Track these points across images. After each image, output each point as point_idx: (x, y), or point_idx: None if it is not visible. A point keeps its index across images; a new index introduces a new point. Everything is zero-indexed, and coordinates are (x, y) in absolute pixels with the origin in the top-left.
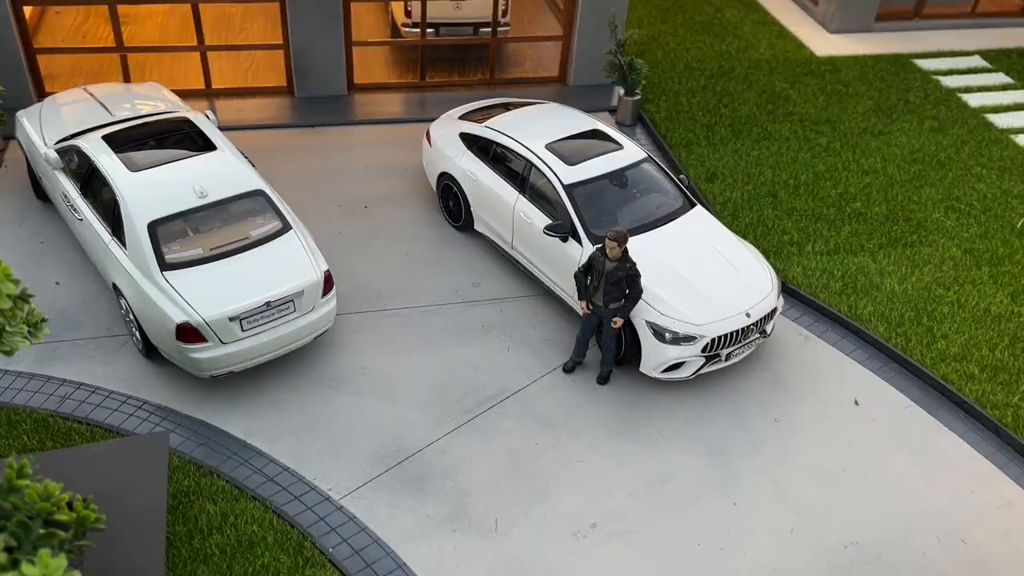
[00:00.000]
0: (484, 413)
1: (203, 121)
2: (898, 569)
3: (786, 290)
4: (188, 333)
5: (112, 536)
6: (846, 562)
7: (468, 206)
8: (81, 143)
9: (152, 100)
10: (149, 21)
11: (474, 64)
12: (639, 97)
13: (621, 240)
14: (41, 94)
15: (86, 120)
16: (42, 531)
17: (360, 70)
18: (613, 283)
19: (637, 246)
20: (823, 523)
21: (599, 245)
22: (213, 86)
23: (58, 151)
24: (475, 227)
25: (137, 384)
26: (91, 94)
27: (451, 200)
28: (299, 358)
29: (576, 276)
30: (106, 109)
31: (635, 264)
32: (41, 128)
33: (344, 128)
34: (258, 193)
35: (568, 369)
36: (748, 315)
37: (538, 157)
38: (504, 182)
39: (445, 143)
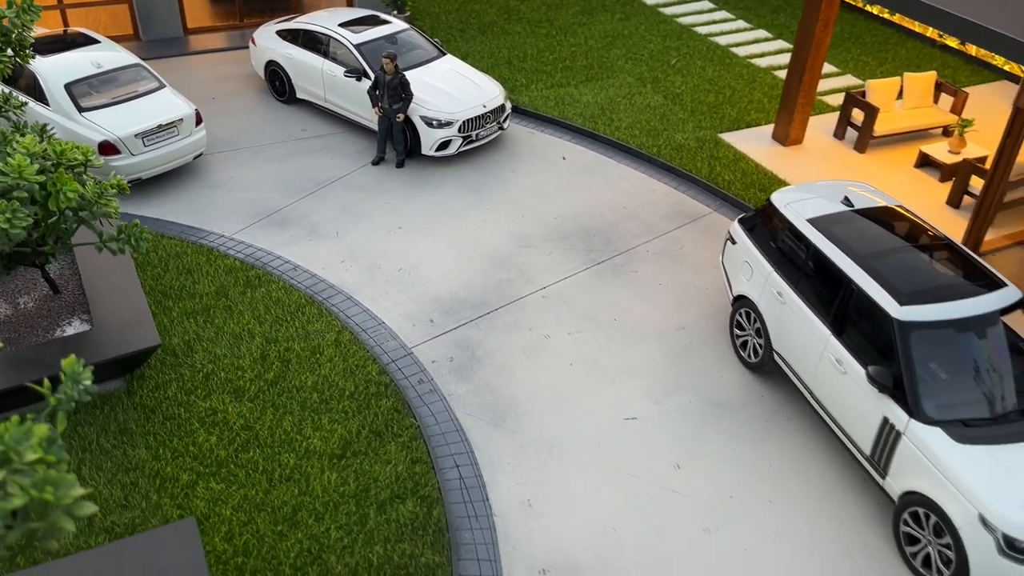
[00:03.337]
0: (320, 189)
1: (88, 31)
2: (586, 223)
3: (518, 110)
4: (107, 148)
5: (112, 285)
6: (555, 224)
7: (290, 81)
8: None
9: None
10: None
11: (281, 9)
12: (408, 15)
13: (392, 58)
14: None
15: None
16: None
17: (191, 17)
18: (392, 89)
19: (410, 76)
20: (542, 212)
21: (379, 67)
22: None
23: None
24: (297, 96)
25: None
26: None
27: (277, 81)
28: (186, 173)
29: (368, 92)
30: None
31: (404, 75)
32: None
33: (184, 58)
34: (138, 65)
35: (375, 163)
36: (484, 106)
37: (335, 32)
38: (313, 55)
39: (267, 40)
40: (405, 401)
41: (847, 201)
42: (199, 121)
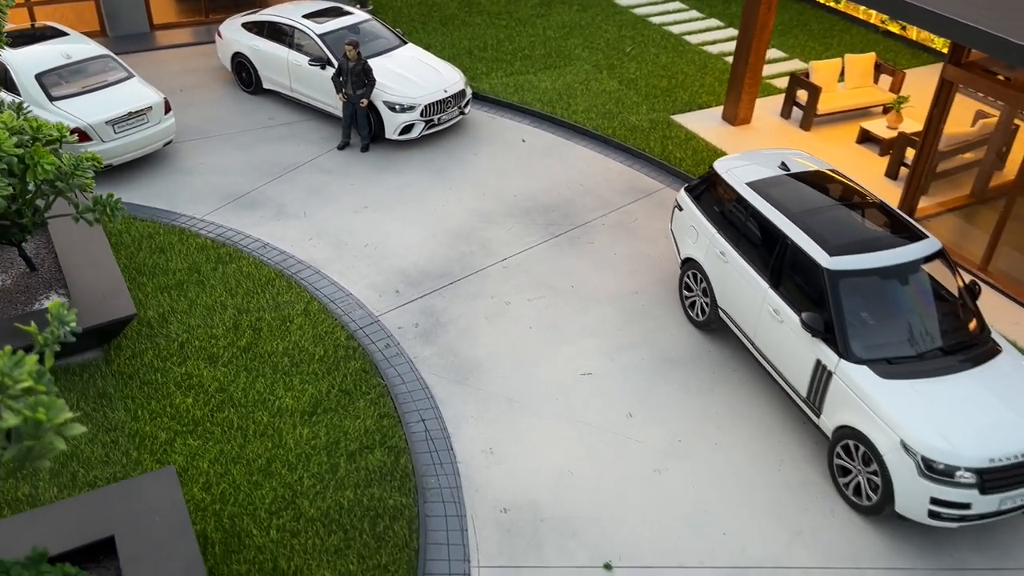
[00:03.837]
0: (287, 173)
1: (57, 24)
2: (544, 200)
3: (479, 97)
4: (80, 135)
5: (90, 263)
6: (516, 201)
7: (256, 71)
8: None
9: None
10: None
11: (246, 4)
12: (371, 8)
13: (355, 45)
14: None
15: None
16: None
17: (157, 13)
18: (356, 75)
19: (373, 64)
20: (503, 191)
21: (343, 54)
22: None
23: None
24: (264, 86)
25: None
26: None
27: (243, 72)
28: (156, 160)
29: (333, 78)
30: None
31: (367, 61)
32: None
33: (152, 52)
34: (106, 56)
35: (340, 147)
36: (445, 91)
37: (299, 23)
38: (278, 45)
39: (233, 33)
40: (372, 363)
41: (784, 166)
42: (168, 109)
